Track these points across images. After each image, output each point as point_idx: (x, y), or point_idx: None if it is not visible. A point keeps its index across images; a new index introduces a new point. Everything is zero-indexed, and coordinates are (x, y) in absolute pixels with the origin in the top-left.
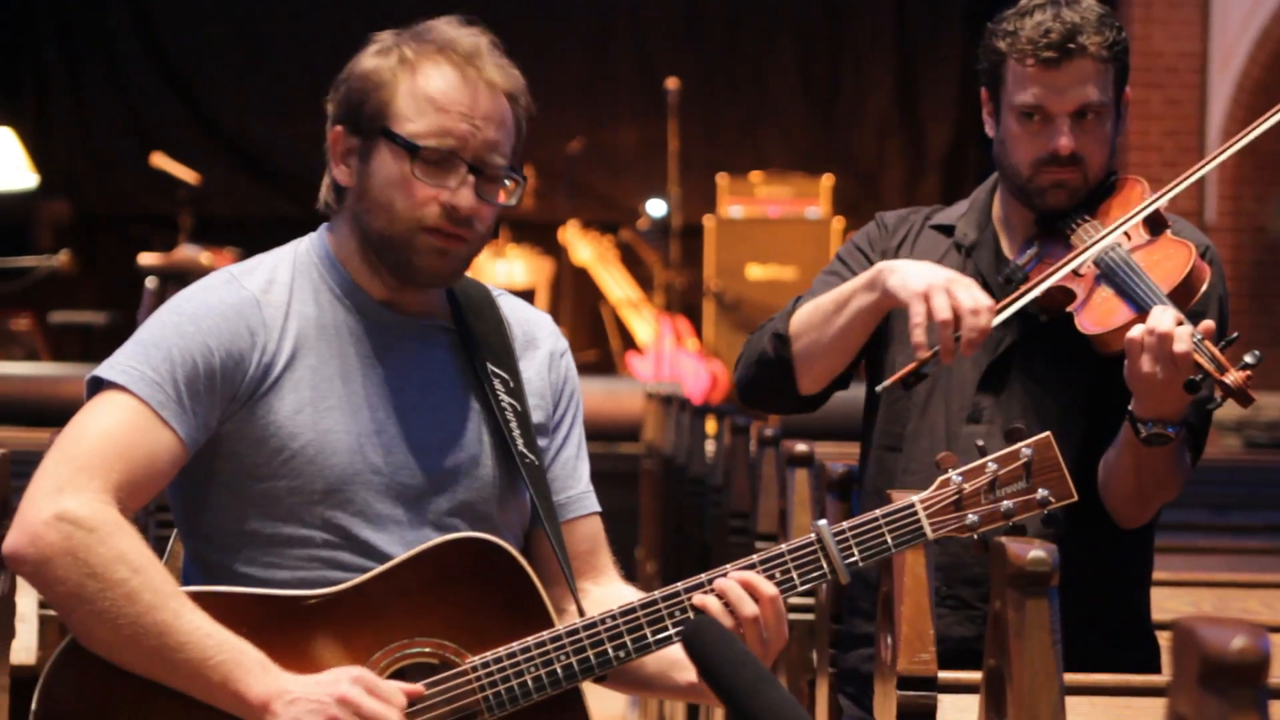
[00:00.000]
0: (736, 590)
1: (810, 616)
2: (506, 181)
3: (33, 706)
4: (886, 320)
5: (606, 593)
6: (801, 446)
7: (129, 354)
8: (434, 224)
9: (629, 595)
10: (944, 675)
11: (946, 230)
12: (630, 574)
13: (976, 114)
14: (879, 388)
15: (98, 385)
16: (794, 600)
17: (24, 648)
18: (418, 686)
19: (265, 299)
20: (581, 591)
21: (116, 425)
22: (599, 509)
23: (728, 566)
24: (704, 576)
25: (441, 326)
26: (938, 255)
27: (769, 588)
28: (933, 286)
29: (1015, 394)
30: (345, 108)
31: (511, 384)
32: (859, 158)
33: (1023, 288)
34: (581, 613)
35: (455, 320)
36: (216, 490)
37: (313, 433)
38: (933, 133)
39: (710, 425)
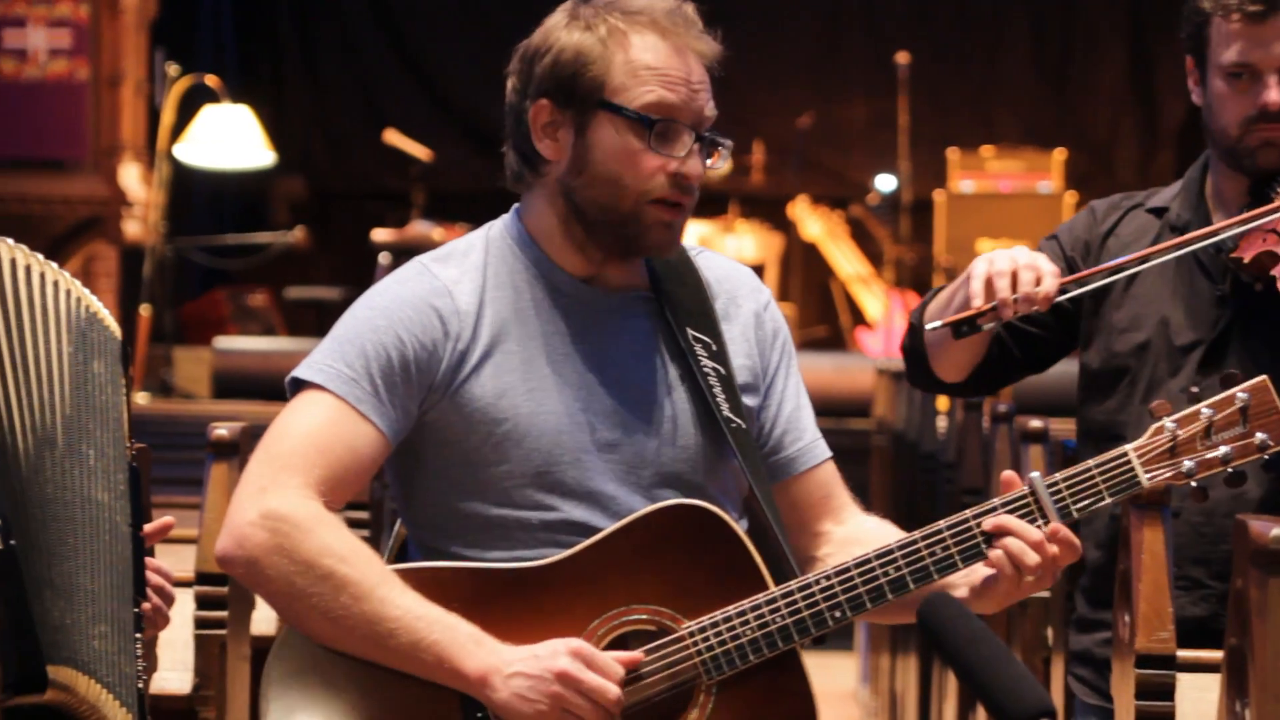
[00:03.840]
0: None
1: (1046, 594)
2: (720, 146)
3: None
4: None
5: (849, 530)
6: (1035, 422)
7: (325, 352)
8: (661, 194)
9: (873, 527)
10: (1183, 654)
11: (1159, 212)
12: None
13: None
14: (928, 328)
15: (297, 386)
16: None
17: (264, 618)
18: (636, 654)
19: (457, 287)
20: (824, 535)
21: (316, 423)
22: (830, 454)
23: (940, 523)
24: (918, 534)
25: (641, 297)
26: (1149, 238)
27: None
28: (999, 252)
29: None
30: (550, 82)
31: (714, 347)
32: (1092, 132)
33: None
34: (797, 575)
35: (654, 288)
36: (428, 478)
37: (517, 416)
38: (1167, 106)
39: (942, 401)
